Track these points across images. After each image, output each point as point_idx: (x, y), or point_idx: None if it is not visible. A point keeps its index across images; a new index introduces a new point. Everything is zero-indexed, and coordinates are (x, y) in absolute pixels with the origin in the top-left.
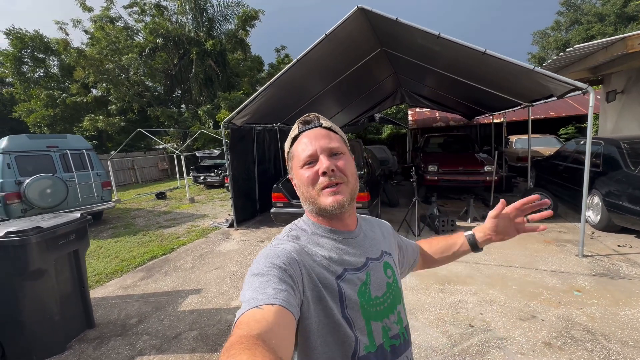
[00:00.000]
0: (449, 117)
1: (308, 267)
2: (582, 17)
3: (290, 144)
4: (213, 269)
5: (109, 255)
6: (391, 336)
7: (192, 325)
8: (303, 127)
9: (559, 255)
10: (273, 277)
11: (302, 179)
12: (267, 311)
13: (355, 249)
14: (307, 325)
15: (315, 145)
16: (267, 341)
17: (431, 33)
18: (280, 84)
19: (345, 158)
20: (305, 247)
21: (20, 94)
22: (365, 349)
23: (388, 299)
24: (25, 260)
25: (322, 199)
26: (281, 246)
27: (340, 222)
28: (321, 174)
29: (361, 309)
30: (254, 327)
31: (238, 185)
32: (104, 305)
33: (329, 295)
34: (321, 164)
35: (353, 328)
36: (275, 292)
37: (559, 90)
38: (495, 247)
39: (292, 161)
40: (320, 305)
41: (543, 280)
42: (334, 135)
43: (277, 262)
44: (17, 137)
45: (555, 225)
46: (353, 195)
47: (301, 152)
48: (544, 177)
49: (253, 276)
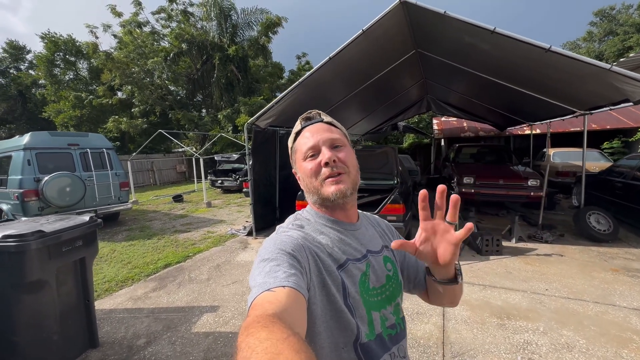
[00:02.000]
0: (477, 127)
1: (313, 253)
2: (617, 27)
3: (294, 139)
4: (230, 283)
5: (121, 260)
6: (388, 326)
7: (207, 352)
8: (305, 123)
9: (637, 288)
10: (283, 262)
11: (305, 171)
12: (280, 293)
13: (356, 240)
14: (313, 310)
15: (317, 138)
16: (283, 319)
17: (485, 28)
18: (307, 85)
19: (346, 150)
20: (309, 235)
21: (51, 95)
22: (366, 336)
23: (387, 291)
24: (22, 270)
25: (324, 189)
26: (287, 234)
27: (343, 212)
28: (323, 165)
29: (362, 298)
30: (269, 308)
31: (259, 190)
32: (110, 320)
33: (332, 283)
34: (323, 155)
35: (354, 316)
36: (286, 275)
37: (638, 94)
38: (553, 273)
39: (295, 155)
40: (324, 291)
41: (628, 321)
42: (334, 129)
43: (285, 248)
44: (39, 134)
45: (618, 251)
46: (355, 186)
47: (303, 145)
48: (594, 195)
49: (263, 261)
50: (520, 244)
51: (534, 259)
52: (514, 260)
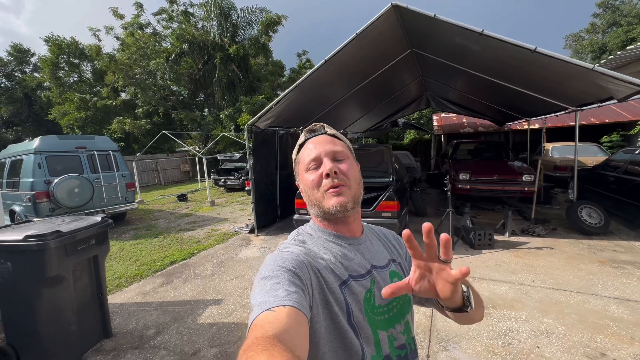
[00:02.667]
0: (477, 123)
1: (315, 270)
2: (621, 18)
3: (297, 151)
4: (233, 278)
5: (130, 258)
6: (397, 346)
7: (212, 340)
8: (309, 135)
9: (620, 279)
10: (283, 279)
11: (307, 183)
12: (280, 313)
13: (360, 255)
14: (317, 330)
15: (319, 150)
16: (284, 341)
17: (473, 30)
18: (305, 86)
19: (348, 162)
20: (311, 251)
21: (56, 97)
22: (371, 358)
23: (394, 309)
24: (43, 266)
25: (325, 201)
26: (289, 250)
27: (345, 227)
28: (325, 176)
29: (367, 317)
30: (269, 329)
31: (260, 189)
32: (122, 313)
33: (334, 301)
34: (324, 166)
35: (359, 336)
36: (286, 294)
37: (621, 92)
38: (542, 266)
39: (298, 167)
40: (327, 310)
41: (607, 309)
42: (338, 141)
43: (286, 265)
44: (49, 138)
45: (607, 243)
46: (356, 200)
47: (306, 156)
48: (589, 189)
49: (263, 279)
50: (513, 237)
51: (524, 252)
52: (505, 254)
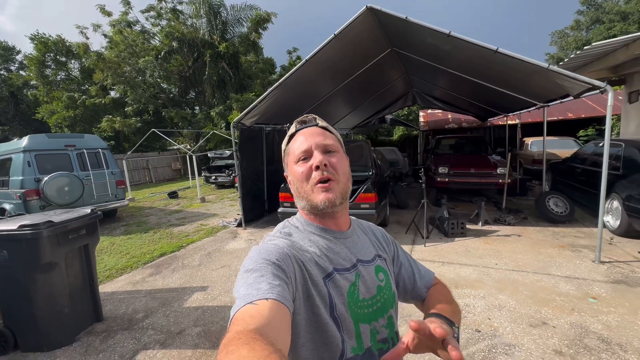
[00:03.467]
0: (461, 119)
1: (299, 262)
2: (603, 15)
3: (287, 142)
4: (219, 267)
5: (120, 251)
6: (379, 339)
7: (197, 321)
8: (300, 126)
9: (574, 260)
10: (267, 272)
11: (296, 175)
12: (262, 306)
13: (346, 249)
14: (298, 321)
15: (310, 142)
16: (265, 335)
17: (441, 32)
18: (289, 84)
19: (338, 156)
20: (296, 243)
21: (43, 96)
22: (352, 350)
23: (378, 302)
24: (37, 253)
25: (314, 196)
26: (273, 242)
27: (333, 221)
28: (314, 168)
29: (349, 310)
30: (250, 322)
31: (247, 185)
32: (112, 300)
33: (317, 294)
34: (315, 159)
35: (341, 329)
36: (269, 287)
37: (575, 90)
38: (507, 251)
39: (287, 157)
40: (309, 303)
41: (556, 286)
42: (329, 134)
43: (270, 258)
44: (37, 137)
45: (571, 230)
46: (344, 195)
47: (296, 148)
48: (561, 181)
49: (246, 272)
50: (485, 226)
51: (493, 239)
52: (475, 241)
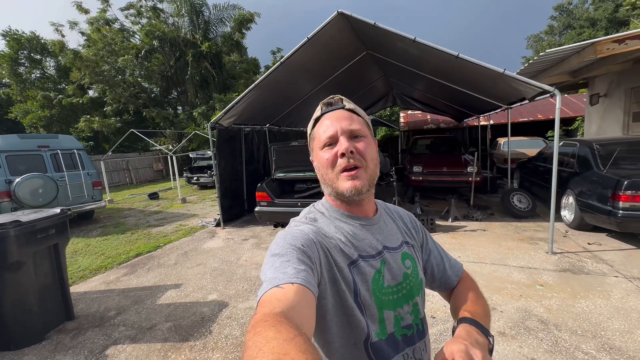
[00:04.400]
0: (439, 120)
1: (325, 249)
2: (574, 21)
3: (313, 125)
4: (195, 266)
5: (95, 252)
6: (403, 326)
7: (168, 317)
8: (326, 109)
9: (530, 252)
10: (292, 257)
11: (321, 161)
12: (288, 290)
13: (371, 235)
14: (324, 305)
15: (336, 127)
16: (290, 318)
17: (407, 37)
18: (266, 85)
19: (366, 141)
20: (322, 229)
21: (17, 95)
22: (376, 335)
23: (404, 289)
24: (4, 253)
25: (340, 183)
26: (299, 228)
27: (359, 207)
28: (340, 156)
29: (373, 296)
30: (277, 305)
31: (225, 185)
32: (85, 299)
33: (343, 280)
34: (340, 145)
35: (364, 314)
36: (295, 271)
37: (529, 93)
38: (471, 244)
39: (312, 142)
40: (335, 287)
41: (510, 276)
42: (356, 117)
43: (295, 244)
44: (8, 137)
45: (532, 225)
46: (372, 182)
47: (322, 133)
48: (527, 178)
49: (273, 256)
50: (455, 222)
51: (460, 234)
52: (443, 236)
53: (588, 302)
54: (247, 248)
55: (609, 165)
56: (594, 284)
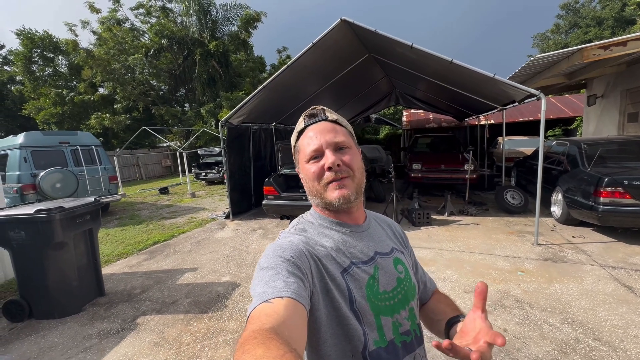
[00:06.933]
0: (441, 119)
1: (315, 258)
2: (581, 20)
3: (297, 137)
4: (208, 252)
5: (115, 240)
6: (402, 332)
7: (187, 294)
8: (309, 121)
9: (517, 244)
10: (282, 270)
11: (308, 174)
12: (278, 304)
13: (362, 242)
14: (318, 317)
15: (320, 140)
16: (280, 334)
17: (405, 43)
18: (273, 86)
19: (351, 152)
20: (311, 239)
21: (30, 92)
22: (375, 343)
23: (399, 294)
24: (50, 234)
25: (328, 194)
26: (288, 239)
27: (348, 215)
28: (327, 169)
29: (369, 303)
30: (266, 322)
31: (234, 180)
32: (112, 280)
33: (336, 288)
34: (327, 159)
35: (361, 322)
36: (284, 284)
37: (518, 96)
38: (463, 236)
39: (298, 155)
40: (328, 297)
41: (495, 263)
42: (339, 128)
43: (285, 256)
44: (33, 134)
45: (523, 219)
46: (359, 189)
47: (307, 146)
48: (523, 176)
49: (262, 270)
50: (451, 217)
51: (454, 228)
52: (438, 229)
53: (562, 285)
54: (255, 238)
55: (593, 163)
56: (571, 270)
